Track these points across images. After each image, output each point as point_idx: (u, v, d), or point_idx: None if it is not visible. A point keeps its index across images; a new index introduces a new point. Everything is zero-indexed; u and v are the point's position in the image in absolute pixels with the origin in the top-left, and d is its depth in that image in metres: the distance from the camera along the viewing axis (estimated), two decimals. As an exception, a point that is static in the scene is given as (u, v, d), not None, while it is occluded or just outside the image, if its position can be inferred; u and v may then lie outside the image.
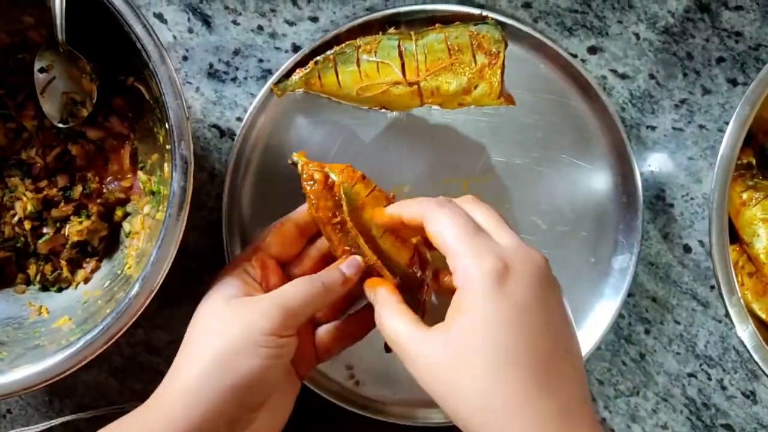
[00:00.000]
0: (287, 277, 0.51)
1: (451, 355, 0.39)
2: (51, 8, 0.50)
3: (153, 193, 0.56)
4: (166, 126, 0.49)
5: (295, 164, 0.51)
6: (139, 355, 0.60)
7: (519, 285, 0.40)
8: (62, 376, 0.47)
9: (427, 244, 0.49)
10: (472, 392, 0.38)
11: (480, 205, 0.46)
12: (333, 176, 0.49)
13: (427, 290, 0.50)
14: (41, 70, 0.54)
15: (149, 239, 0.54)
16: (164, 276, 0.47)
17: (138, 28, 0.47)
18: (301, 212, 0.51)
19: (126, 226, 0.57)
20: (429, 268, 0.50)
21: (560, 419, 0.37)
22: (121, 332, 0.47)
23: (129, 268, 0.54)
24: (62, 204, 0.57)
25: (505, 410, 0.37)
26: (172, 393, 0.43)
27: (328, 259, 0.51)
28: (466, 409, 0.39)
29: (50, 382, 0.47)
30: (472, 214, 0.44)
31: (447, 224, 0.43)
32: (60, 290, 0.57)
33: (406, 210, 0.47)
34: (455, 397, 0.39)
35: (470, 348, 0.39)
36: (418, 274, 0.50)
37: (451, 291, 0.42)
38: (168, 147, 0.52)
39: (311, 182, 0.49)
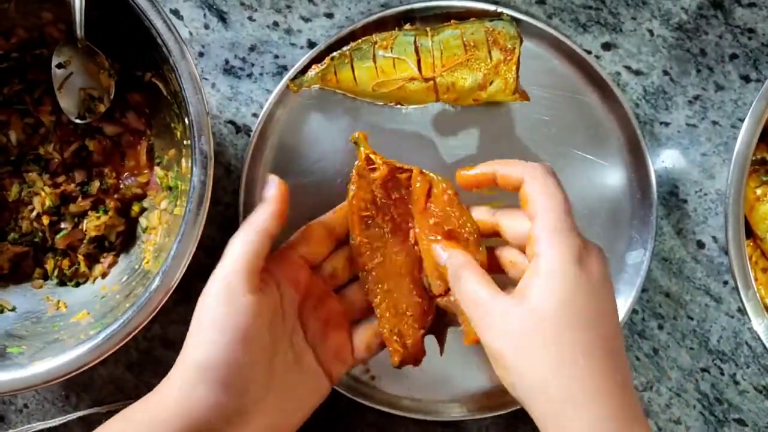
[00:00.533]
0: (316, 276, 0.51)
1: (528, 316, 0.41)
2: (70, 4, 0.50)
3: (170, 188, 0.56)
4: (185, 121, 0.49)
5: (356, 143, 0.51)
6: (155, 349, 0.61)
7: (595, 264, 0.43)
8: (82, 369, 0.47)
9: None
10: (544, 356, 0.40)
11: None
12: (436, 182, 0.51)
13: (449, 317, 0.51)
14: (59, 66, 0.55)
15: (167, 234, 0.54)
16: (184, 270, 0.48)
17: (159, 24, 0.47)
18: (330, 216, 0.52)
19: (143, 221, 0.58)
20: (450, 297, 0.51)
21: (621, 394, 0.40)
22: (142, 325, 0.47)
23: (147, 263, 0.54)
24: (80, 199, 0.57)
25: (574, 376, 0.40)
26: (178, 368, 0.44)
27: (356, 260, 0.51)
28: (533, 375, 0.41)
29: (70, 375, 0.47)
30: None
31: (550, 193, 0.44)
32: (77, 285, 0.57)
33: (505, 168, 0.47)
34: (525, 361, 0.41)
35: (548, 309, 0.41)
36: (440, 295, 0.50)
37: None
38: (186, 142, 0.53)
39: (367, 170, 0.50)
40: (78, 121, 0.56)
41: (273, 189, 0.48)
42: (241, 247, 0.45)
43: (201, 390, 0.42)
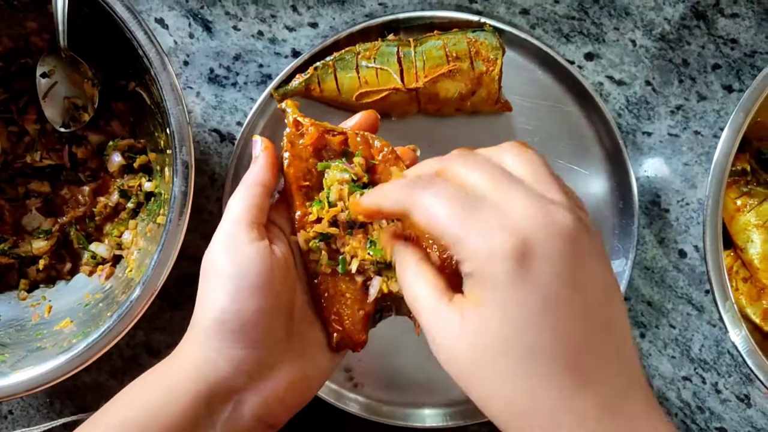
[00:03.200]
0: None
1: (469, 348, 0.34)
2: (53, 14, 0.51)
3: (140, 205, 0.58)
4: (167, 131, 0.49)
5: (284, 110, 0.47)
6: (139, 356, 0.61)
7: (545, 266, 0.33)
8: (64, 377, 0.48)
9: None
10: (497, 395, 0.35)
11: (481, 160, 0.38)
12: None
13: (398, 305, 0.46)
14: (43, 75, 0.55)
15: (150, 243, 0.54)
16: (165, 279, 0.48)
17: (140, 35, 0.48)
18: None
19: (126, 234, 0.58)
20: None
21: (600, 417, 0.33)
22: (122, 334, 0.48)
23: (130, 271, 0.54)
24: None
25: (535, 414, 0.34)
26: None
27: None
28: (490, 406, 0.35)
29: (52, 384, 0.48)
30: (472, 173, 0.37)
31: (436, 209, 0.35)
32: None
33: (386, 201, 0.39)
34: (477, 389, 0.35)
35: (491, 348, 0.34)
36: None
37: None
38: (169, 151, 0.53)
39: (298, 135, 0.45)
40: (62, 129, 0.56)
41: (259, 146, 0.46)
42: (238, 202, 0.44)
43: (216, 344, 0.40)
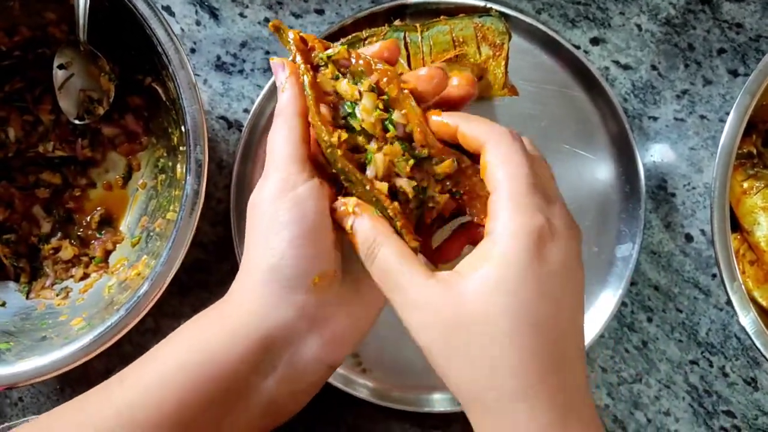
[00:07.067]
0: None
1: (462, 309, 0.35)
2: (74, 7, 0.50)
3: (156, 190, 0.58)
4: (182, 129, 0.49)
5: (278, 30, 0.42)
6: (149, 342, 0.61)
7: (559, 254, 0.36)
8: (68, 368, 0.48)
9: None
10: (481, 357, 0.35)
11: (540, 158, 0.41)
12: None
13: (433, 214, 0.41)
14: (60, 67, 0.55)
15: (159, 239, 0.54)
16: (174, 274, 0.48)
17: (160, 33, 0.48)
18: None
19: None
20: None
21: (564, 411, 0.35)
22: (128, 328, 0.48)
23: (139, 271, 0.55)
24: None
25: (513, 382, 0.35)
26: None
27: None
28: (468, 373, 0.36)
29: (55, 374, 0.48)
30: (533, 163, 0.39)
31: (513, 163, 0.37)
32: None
33: (468, 126, 0.39)
34: (451, 362, 0.36)
35: (492, 304, 0.35)
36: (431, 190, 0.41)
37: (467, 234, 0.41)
38: (182, 148, 0.53)
39: (309, 53, 0.41)
40: (77, 121, 0.56)
41: (282, 71, 0.42)
42: (282, 139, 0.41)
43: (276, 290, 0.39)
